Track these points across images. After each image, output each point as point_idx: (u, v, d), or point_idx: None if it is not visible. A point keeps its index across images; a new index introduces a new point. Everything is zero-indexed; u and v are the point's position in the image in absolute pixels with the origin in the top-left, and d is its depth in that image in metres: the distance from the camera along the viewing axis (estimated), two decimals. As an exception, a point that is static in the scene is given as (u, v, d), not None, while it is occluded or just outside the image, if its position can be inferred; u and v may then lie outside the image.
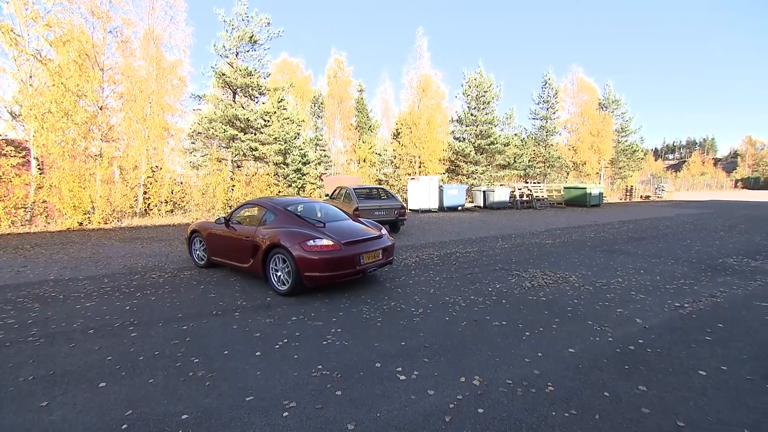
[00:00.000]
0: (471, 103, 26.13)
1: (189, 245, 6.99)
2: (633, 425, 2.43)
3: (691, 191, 47.35)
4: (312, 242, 4.87)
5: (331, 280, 5.00)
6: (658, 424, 2.44)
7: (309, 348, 3.53)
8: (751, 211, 19.20)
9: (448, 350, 3.47)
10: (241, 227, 5.93)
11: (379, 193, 11.50)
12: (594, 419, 2.47)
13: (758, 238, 10.12)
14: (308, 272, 4.80)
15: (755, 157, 69.14)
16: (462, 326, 4.04)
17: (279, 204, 5.94)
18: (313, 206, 6.44)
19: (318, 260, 4.77)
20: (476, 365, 3.18)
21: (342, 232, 5.35)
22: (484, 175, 25.30)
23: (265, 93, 19.31)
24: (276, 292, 5.13)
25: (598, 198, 22.18)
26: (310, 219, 5.59)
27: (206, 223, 6.77)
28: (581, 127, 32.06)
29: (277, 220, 5.56)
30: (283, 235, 5.10)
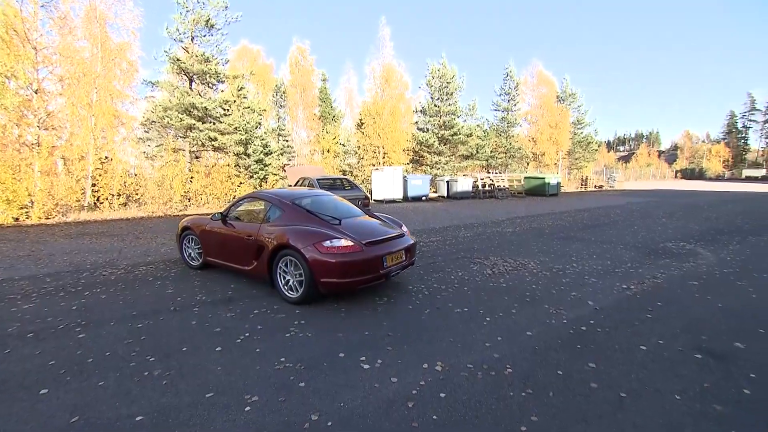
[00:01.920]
0: (434, 94, 26.36)
1: (180, 244, 6.22)
2: (582, 399, 2.59)
3: (639, 181, 50.52)
4: (329, 243, 4.19)
5: (352, 287, 4.34)
6: (604, 397, 2.61)
7: (272, 341, 3.47)
8: (687, 199, 20.79)
9: (412, 338, 3.53)
10: (241, 224, 5.26)
11: (343, 184, 11.45)
12: (548, 396, 2.61)
13: (692, 224, 10.98)
14: (325, 278, 4.14)
15: (692, 150, 74.68)
16: (425, 314, 4.12)
17: (285, 197, 5.20)
18: (322, 199, 5.61)
19: (336, 264, 4.10)
20: (439, 351, 3.25)
21: (361, 231, 4.65)
22: (448, 166, 25.71)
23: (224, 81, 18.54)
24: (285, 300, 4.44)
25: (556, 187, 23.18)
26: (322, 215, 4.82)
27: (199, 219, 6.05)
28: (540, 119, 33.23)
29: (284, 216, 4.85)
30: (293, 235, 4.44)
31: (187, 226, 6.06)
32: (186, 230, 6.08)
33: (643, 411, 2.48)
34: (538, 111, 33.49)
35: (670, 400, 2.59)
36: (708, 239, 8.47)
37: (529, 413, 2.43)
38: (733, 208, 15.72)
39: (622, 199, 20.50)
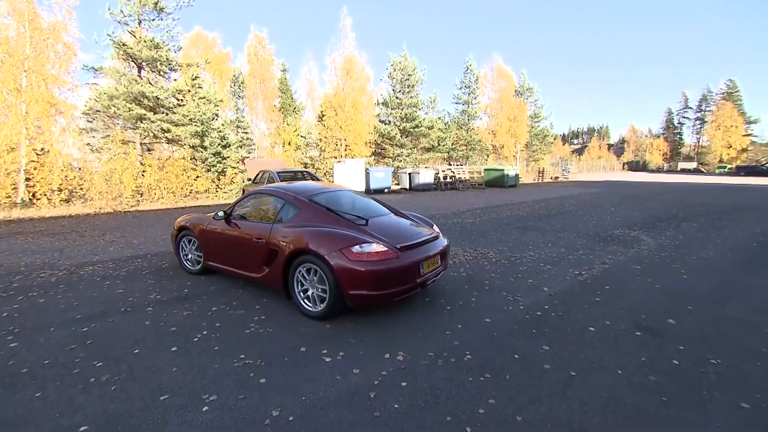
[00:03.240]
0: (396, 86, 26.42)
1: (176, 246, 5.55)
2: (536, 380, 2.72)
3: (591, 172, 53.34)
4: (358, 248, 3.54)
5: (386, 300, 3.65)
6: (555, 377, 2.76)
7: (231, 338, 3.38)
8: (632, 189, 22.22)
9: (374, 329, 3.55)
10: (249, 224, 4.55)
11: (304, 176, 11.28)
12: (505, 380, 2.72)
13: (637, 212, 11.76)
14: (354, 290, 3.50)
15: (636, 144, 79.70)
16: (387, 305, 4.14)
17: (301, 193, 4.51)
18: (338, 195, 4.85)
19: (368, 273, 3.45)
20: (400, 342, 3.30)
21: (392, 232, 4.02)
22: (410, 158, 25.93)
23: (177, 69, 17.59)
24: (305, 314, 3.82)
25: (514, 179, 24.00)
26: (346, 214, 4.17)
27: (199, 217, 5.36)
28: (500, 113, 34.19)
29: (300, 215, 4.18)
30: (314, 238, 3.77)
31: (184, 226, 5.38)
32: (183, 230, 5.39)
33: (590, 387, 2.64)
34: (497, 104, 34.44)
35: (613, 375, 2.78)
36: (649, 226, 9.10)
37: (487, 396, 2.53)
38: (669, 197, 16.98)
39: (575, 190, 21.58)
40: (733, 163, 54.30)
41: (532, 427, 2.25)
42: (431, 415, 2.35)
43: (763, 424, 2.30)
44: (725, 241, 7.47)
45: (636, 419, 2.33)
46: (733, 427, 2.28)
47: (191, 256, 5.38)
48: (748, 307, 4.13)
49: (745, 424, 2.31)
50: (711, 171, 54.43)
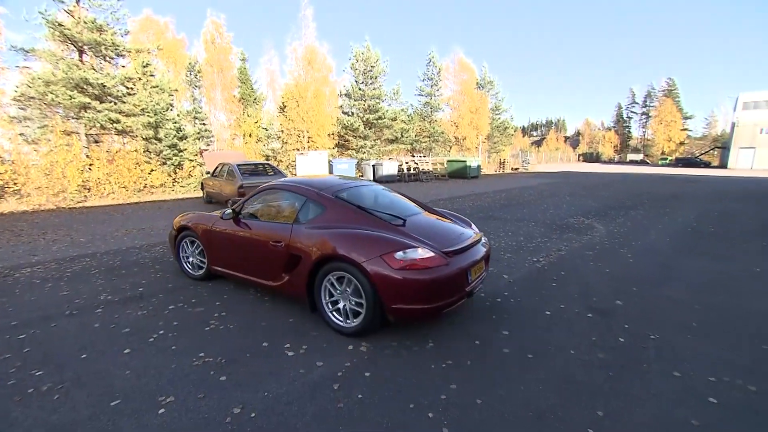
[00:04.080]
0: (359, 77, 26.15)
1: (175, 249, 4.96)
2: (497, 363, 2.82)
3: (549, 163, 55.53)
4: (401, 254, 3.00)
5: (435, 314, 3.13)
6: (514, 360, 2.88)
7: (190, 336, 3.26)
8: (587, 180, 23.40)
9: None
10: (262, 225, 4.00)
11: (266, 169, 10.94)
12: (466, 365, 2.80)
13: (590, 201, 12.41)
14: (398, 303, 2.99)
15: (591, 136, 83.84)
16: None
17: (325, 189, 3.87)
18: (363, 191, 4.19)
19: (415, 284, 2.94)
20: (363, 333, 3.30)
21: (434, 235, 3.47)
22: (373, 150, 25.85)
23: (125, 54, 16.43)
24: (336, 330, 3.30)
25: (476, 170, 24.56)
26: (380, 213, 3.58)
27: (202, 216, 4.72)
28: (462, 105, 34.72)
29: (326, 214, 3.59)
30: (347, 242, 3.23)
31: (185, 226, 4.78)
32: (184, 230, 4.81)
33: (546, 368, 2.77)
34: (459, 97, 34.93)
35: (566, 355, 2.93)
36: (601, 214, 9.63)
37: (449, 382, 2.59)
38: (619, 187, 18.04)
39: (534, 181, 22.40)
40: (673, 155, 58.42)
41: (491, 409, 2.33)
42: (395, 403, 2.38)
43: (691, 388, 2.53)
44: (665, 227, 8.05)
45: (586, 394, 2.47)
46: (666, 393, 2.49)
47: (193, 259, 4.78)
48: (682, 286, 4.49)
49: (676, 390, 2.52)
50: (655, 162, 58.36)
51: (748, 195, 14.40)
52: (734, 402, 2.42)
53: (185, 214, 5.04)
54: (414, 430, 2.15)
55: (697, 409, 2.34)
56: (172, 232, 5.06)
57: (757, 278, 4.79)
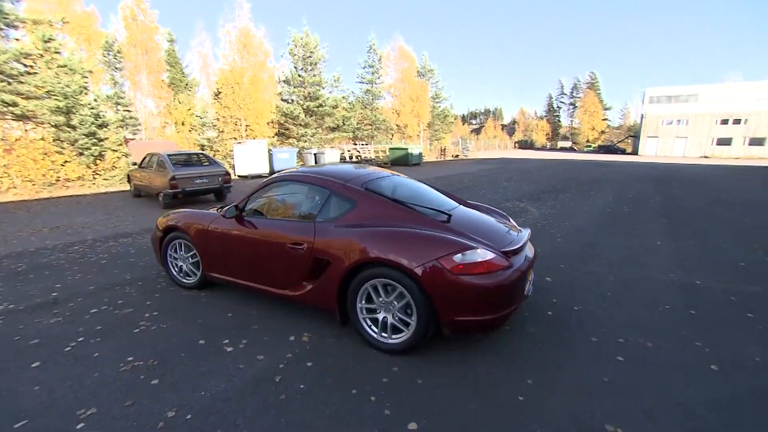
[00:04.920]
0: (298, 63, 25.35)
1: (161, 253, 4.23)
2: (438, 346, 2.93)
3: (487, 150, 58.09)
4: (460, 257, 2.57)
5: (499, 325, 2.72)
6: (454, 339, 2.99)
7: (116, 340, 3.02)
8: (522, 165, 24.92)
9: (278, 314, 3.47)
10: (275, 224, 3.41)
11: (200, 159, 10.29)
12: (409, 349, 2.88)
13: (525, 186, 13.24)
14: (459, 314, 2.58)
15: (525, 124, 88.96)
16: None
17: (351, 180, 3.33)
18: (389, 181, 3.65)
19: (478, 290, 2.54)
20: (306, 324, 3.28)
21: (484, 232, 3.04)
22: (315, 138, 25.34)
23: (18, 25, 14.35)
24: (375, 346, 2.86)
25: (418, 157, 25.08)
26: (421, 207, 3.15)
27: (194, 214, 4.03)
28: (403, 93, 35.04)
29: (358, 210, 3.07)
30: (392, 243, 2.74)
31: (173, 226, 4.07)
32: (172, 231, 4.10)
33: (483, 345, 2.94)
34: (400, 84, 35.20)
35: (503, 332, 3.12)
36: (534, 198, 10.30)
37: (391, 365, 2.66)
38: (551, 172, 19.39)
39: (474, 167, 23.34)
40: (596, 143, 63.85)
41: (430, 388, 2.43)
42: (337, 391, 2.39)
43: (604, 350, 2.83)
44: (590, 208, 8.81)
45: (517, 365, 2.66)
46: (584, 357, 2.76)
47: (184, 265, 4.08)
48: (602, 262, 4.96)
49: (592, 353, 2.81)
50: (581, 149, 63.37)
51: (651, 179, 16.17)
52: (637, 358, 2.75)
53: (172, 212, 4.28)
54: (357, 415, 2.19)
55: (607, 368, 2.63)
56: (156, 233, 4.31)
57: (658, 251, 5.42)
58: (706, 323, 3.27)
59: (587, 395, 2.35)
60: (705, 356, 2.77)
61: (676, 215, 8.02)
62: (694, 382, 2.49)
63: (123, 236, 6.53)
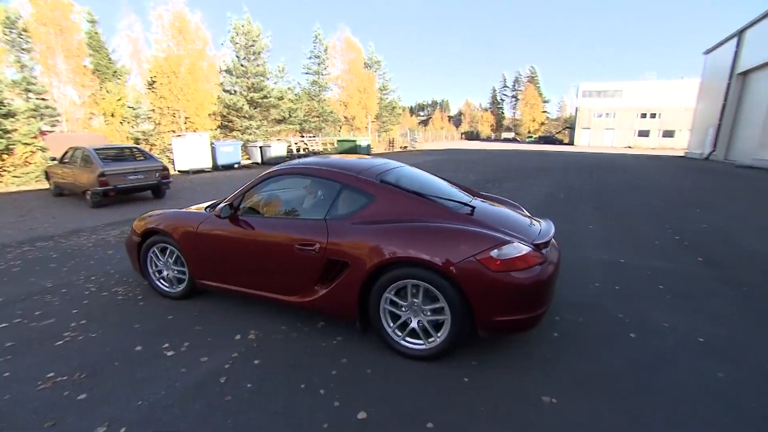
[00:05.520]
0: (240, 52, 24.24)
1: (140, 260, 3.75)
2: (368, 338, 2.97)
3: (435, 141, 59.30)
4: (497, 252, 2.39)
5: (537, 323, 2.56)
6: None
7: (32, 357, 2.73)
8: (468, 156, 25.80)
9: (223, 313, 3.35)
10: (278, 224, 3.10)
11: (133, 154, 9.52)
12: (357, 340, 2.90)
13: (471, 175, 13.74)
14: (498, 314, 2.42)
15: (471, 116, 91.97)
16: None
17: (363, 171, 3.05)
18: (401, 172, 3.40)
19: (519, 287, 2.38)
20: (252, 321, 3.19)
21: (510, 225, 2.83)
22: (260, 130, 24.48)
23: None
24: (402, 353, 2.65)
25: (366, 149, 25.12)
26: (444, 200, 2.95)
27: (179, 215, 3.59)
28: (350, 84, 34.73)
29: (376, 204, 2.80)
30: (422, 240, 2.52)
31: (153, 229, 3.59)
32: (152, 235, 3.63)
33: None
34: (347, 76, 34.84)
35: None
36: (480, 187, 10.68)
37: (341, 357, 2.66)
38: (496, 161, 20.29)
39: (422, 158, 23.76)
40: (536, 134, 67.59)
41: (380, 376, 2.46)
42: (286, 386, 2.36)
43: (542, 327, 3.00)
44: (534, 195, 9.36)
45: (461, 347, 2.77)
46: (525, 336, 2.92)
47: (169, 273, 3.65)
48: (540, 245, 5.28)
49: (533, 332, 2.96)
50: (523, 140, 66.75)
51: (583, 167, 17.48)
52: (568, 330, 2.98)
53: (150, 213, 3.81)
54: (306, 409, 2.17)
55: (541, 342, 2.83)
56: (132, 238, 3.79)
57: (590, 233, 5.89)
58: (626, 297, 3.61)
59: (526, 370, 2.51)
60: (625, 326, 3.06)
61: (604, 200, 8.75)
62: (617, 349, 2.75)
63: (41, 240, 5.91)
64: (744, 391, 2.29)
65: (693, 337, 2.91)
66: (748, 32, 21.07)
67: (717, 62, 24.74)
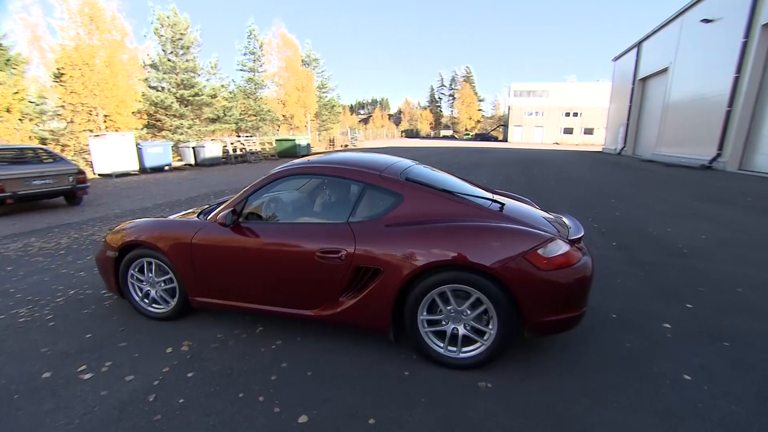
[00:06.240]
0: (166, 46, 22.59)
1: (118, 279, 3.23)
2: (326, 333, 2.93)
3: (376, 140, 59.68)
4: (543, 250, 2.30)
5: (578, 323, 2.48)
6: (337, 329, 3.04)
7: None
8: (409, 153, 26.22)
9: (153, 325, 3.12)
10: (289, 230, 2.79)
11: (38, 156, 8.43)
12: (297, 342, 2.84)
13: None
14: (547, 314, 2.33)
15: (410, 114, 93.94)
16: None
17: (386, 169, 2.85)
18: (418, 169, 3.18)
19: (566, 285, 2.32)
20: (185, 331, 3.00)
21: (539, 221, 2.71)
22: (192, 130, 23.05)
23: None
24: (442, 362, 2.50)
25: (306, 148, 24.66)
26: (473, 197, 2.78)
27: (168, 224, 3.16)
28: (288, 82, 33.83)
29: (406, 204, 2.59)
30: (468, 240, 2.36)
31: (135, 242, 3.10)
32: (132, 248, 3.15)
33: (356, 333, 3.03)
34: (284, 73, 33.89)
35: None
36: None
37: (280, 362, 2.59)
38: (435, 158, 20.88)
39: (363, 157, 23.84)
40: (473, 131, 70.73)
41: (320, 378, 2.43)
42: (222, 397, 2.25)
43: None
44: (465, 190, 9.73)
45: (397, 341, 2.82)
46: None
47: (155, 291, 3.20)
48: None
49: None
50: (461, 137, 69.58)
51: (517, 162, 18.65)
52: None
53: (125, 223, 3.35)
54: (245, 419, 2.09)
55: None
56: (107, 254, 3.27)
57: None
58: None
59: (462, 358, 2.61)
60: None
61: (535, 191, 9.37)
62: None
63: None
64: (644, 356, 2.58)
65: (607, 313, 3.22)
66: (645, 44, 23.81)
67: (623, 68, 27.61)
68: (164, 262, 3.05)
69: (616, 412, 2.09)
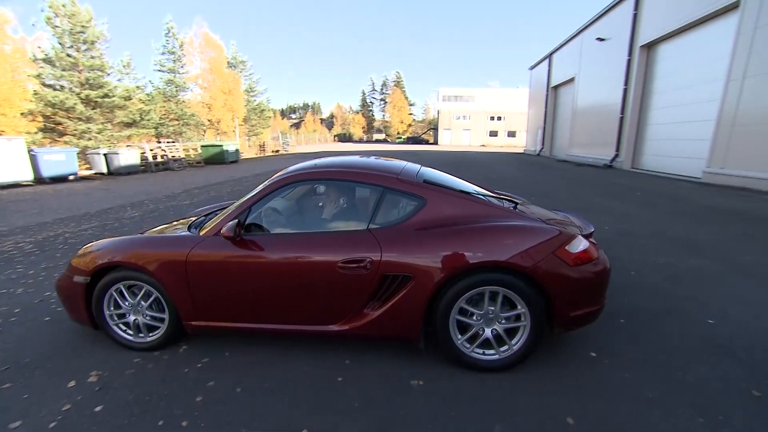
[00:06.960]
0: (64, 39, 20.09)
1: (90, 306, 2.78)
2: (255, 348, 2.80)
3: (308, 144, 58.70)
4: (569, 247, 2.36)
5: (599, 316, 2.55)
6: (272, 340, 2.93)
7: None
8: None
9: (57, 356, 2.74)
10: (304, 240, 2.57)
11: None
12: (224, 357, 2.68)
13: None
14: (575, 309, 2.38)
15: (343, 118, 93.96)
16: (66, 324, 3.19)
17: (401, 172, 2.78)
18: (425, 171, 3.16)
19: (591, 280, 2.40)
20: (91, 360, 2.68)
21: (551, 218, 2.82)
22: (103, 135, 20.82)
23: None
24: (472, 366, 2.45)
25: (235, 154, 23.51)
26: (490, 197, 2.88)
27: (153, 241, 2.84)
28: (213, 85, 32.02)
29: (430, 207, 2.51)
30: (495, 240, 2.33)
31: (112, 263, 2.67)
32: (110, 271, 2.71)
33: (304, 343, 2.95)
34: (209, 76, 32.03)
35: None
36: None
37: (206, 381, 2.42)
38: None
39: (294, 162, 23.20)
40: (405, 135, 72.60)
41: (250, 394, 2.31)
42: (138, 428, 2.04)
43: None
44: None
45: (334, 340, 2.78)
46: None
47: (140, 319, 2.78)
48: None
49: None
50: (393, 141, 71.02)
51: (448, 163, 19.49)
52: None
53: (96, 244, 2.88)
54: (164, 448, 1.91)
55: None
56: (74, 280, 2.78)
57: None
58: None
59: (395, 360, 2.63)
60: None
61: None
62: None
63: None
64: (558, 338, 2.82)
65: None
66: (555, 55, 26.34)
67: (538, 76, 30.21)
68: (150, 283, 2.70)
69: (537, 396, 2.25)
